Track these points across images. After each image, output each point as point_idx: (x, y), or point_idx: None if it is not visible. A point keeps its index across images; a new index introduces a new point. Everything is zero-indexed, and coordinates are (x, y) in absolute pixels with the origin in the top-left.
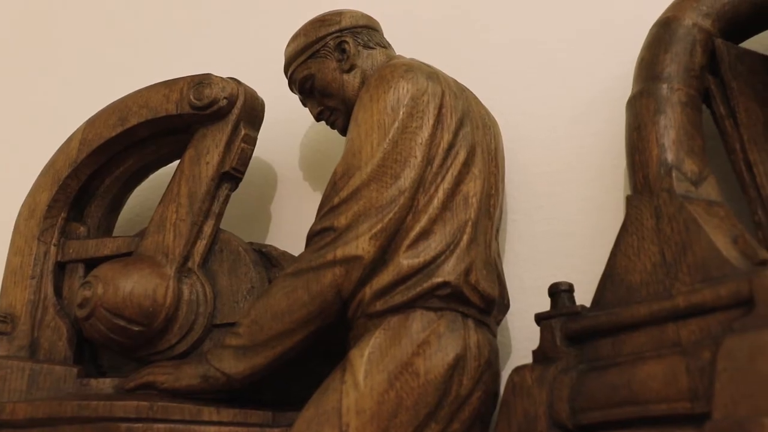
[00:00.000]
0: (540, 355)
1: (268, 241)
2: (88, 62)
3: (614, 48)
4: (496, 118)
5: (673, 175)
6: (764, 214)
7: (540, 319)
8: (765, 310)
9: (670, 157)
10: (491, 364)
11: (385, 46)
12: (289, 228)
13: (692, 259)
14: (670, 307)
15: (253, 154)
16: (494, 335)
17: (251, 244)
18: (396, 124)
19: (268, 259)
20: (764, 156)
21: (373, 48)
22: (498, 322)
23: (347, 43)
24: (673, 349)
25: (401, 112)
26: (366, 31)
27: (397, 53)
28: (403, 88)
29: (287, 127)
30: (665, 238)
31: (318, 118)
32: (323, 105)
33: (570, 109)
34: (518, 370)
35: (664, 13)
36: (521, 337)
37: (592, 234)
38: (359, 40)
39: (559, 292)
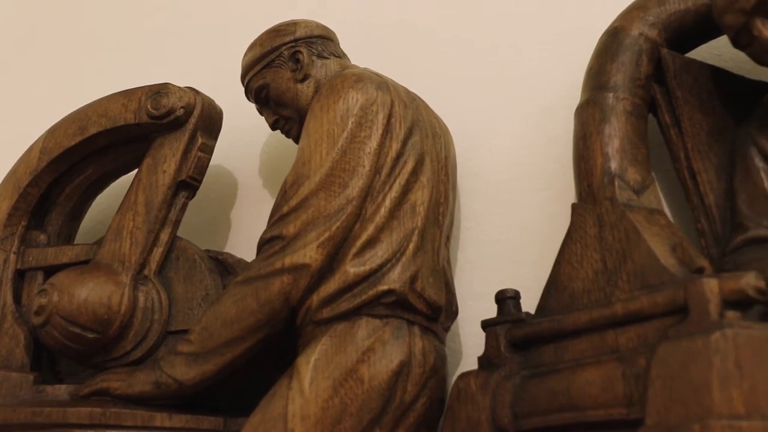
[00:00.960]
0: (485, 361)
1: (228, 248)
2: (48, 72)
3: (568, 56)
4: (451, 126)
5: (616, 183)
6: (707, 221)
7: (485, 325)
8: (698, 318)
9: (613, 165)
10: (437, 370)
11: (340, 55)
12: (249, 235)
13: (631, 267)
14: (609, 314)
15: (214, 162)
16: (442, 342)
17: (208, 251)
18: (345, 134)
19: (225, 266)
20: (707, 164)
21: (327, 58)
22: (446, 329)
23: (301, 53)
24: (612, 355)
25: (350, 122)
26: (321, 41)
27: (354, 62)
28: (353, 98)
29: (248, 134)
30: (607, 246)
31: (273, 127)
32: (278, 114)
33: (524, 117)
34: (463, 376)
35: (613, 23)
36: (472, 343)
37: (544, 241)
38: (313, 50)
39: (505, 299)
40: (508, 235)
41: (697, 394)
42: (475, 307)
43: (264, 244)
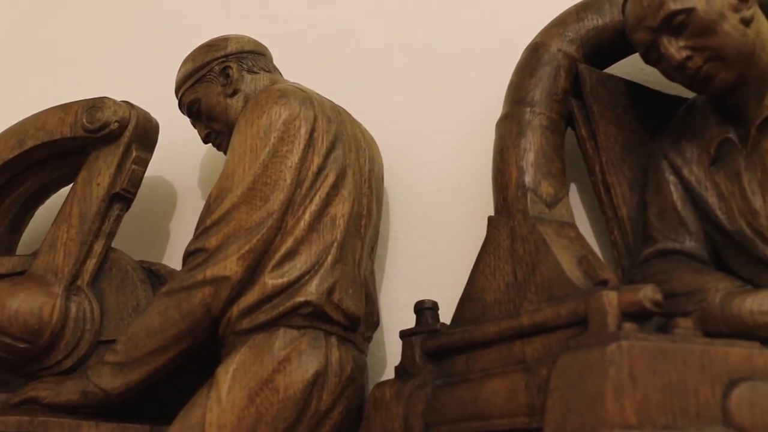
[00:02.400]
0: (401, 370)
1: (166, 259)
2: None
3: (496, 71)
4: (381, 139)
5: (528, 197)
6: (620, 233)
7: (403, 336)
8: (597, 329)
9: (527, 179)
10: (354, 379)
11: (270, 70)
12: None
13: (539, 279)
14: (517, 325)
15: (154, 174)
16: (362, 351)
17: (142, 262)
18: (267, 148)
19: (157, 276)
20: (621, 178)
21: (257, 73)
22: (367, 339)
23: (231, 68)
24: (518, 366)
25: (273, 137)
26: (251, 56)
27: (286, 76)
28: (276, 114)
29: (187, 147)
30: (518, 258)
31: (205, 141)
32: (210, 128)
33: (453, 131)
34: (379, 385)
35: (534, 39)
36: (396, 352)
37: (470, 253)
38: (243, 65)
39: (423, 310)
40: (436, 247)
41: (592, 405)
42: (401, 317)
43: (188, 256)
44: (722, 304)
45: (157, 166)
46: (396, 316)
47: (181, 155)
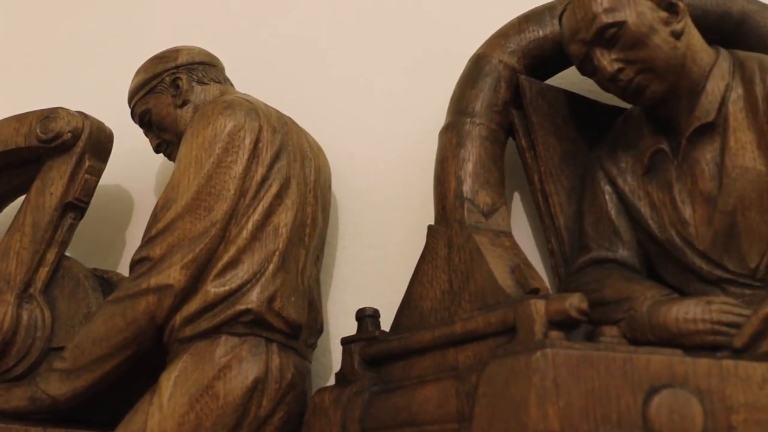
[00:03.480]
0: (340, 377)
1: (122, 266)
2: None
3: (445, 80)
4: (330, 148)
5: (465, 206)
6: (557, 242)
7: (343, 342)
8: (524, 337)
9: (465, 189)
10: (295, 386)
11: (221, 81)
12: None
13: (473, 288)
14: (450, 333)
15: (111, 182)
16: (305, 358)
17: (95, 270)
18: (212, 159)
19: (110, 284)
20: (559, 187)
21: (207, 84)
22: (310, 346)
23: (181, 79)
24: (450, 373)
25: (217, 148)
26: (202, 67)
27: (239, 85)
28: (221, 125)
29: (145, 155)
30: (454, 267)
31: (156, 150)
32: (161, 138)
33: (402, 140)
34: (320, 391)
35: (477, 50)
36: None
37: (415, 261)
38: (194, 76)
39: (364, 317)
40: (383, 254)
41: (517, 411)
42: (348, 324)
43: (134, 265)
44: (649, 312)
45: (114, 174)
46: (342, 323)
47: (139, 163)
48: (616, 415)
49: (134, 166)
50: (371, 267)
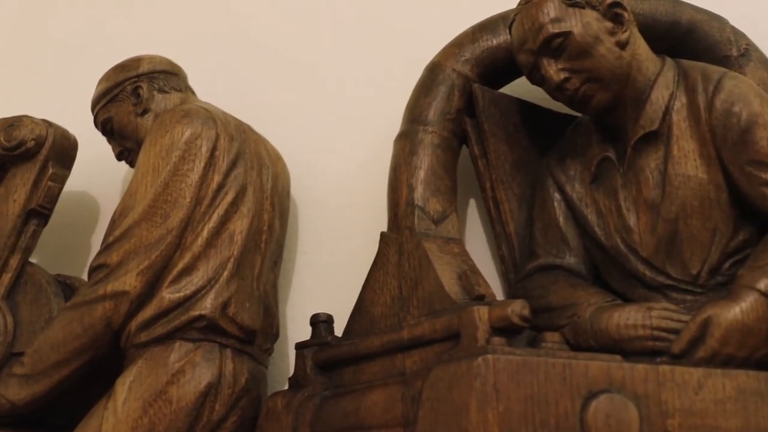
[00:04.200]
0: (293, 382)
1: (87, 273)
2: None
3: (403, 88)
4: (291, 155)
5: (416, 214)
6: (507, 248)
7: (297, 348)
8: (468, 343)
9: (416, 196)
10: (249, 390)
11: (182, 89)
12: None
13: (421, 294)
14: (398, 339)
15: (77, 189)
16: (260, 363)
17: (58, 276)
18: (168, 167)
19: (72, 290)
20: (510, 194)
21: (168, 92)
22: (266, 351)
23: (142, 88)
24: (398, 378)
25: (174, 156)
26: (163, 75)
27: (201, 93)
28: (179, 133)
29: (111, 161)
30: (404, 273)
31: (119, 158)
32: (122, 146)
33: (363, 147)
34: (273, 396)
35: (432, 59)
36: None
37: None
38: (155, 85)
39: (318, 323)
40: (342, 260)
41: (458, 416)
42: (307, 329)
43: (92, 271)
44: (592, 318)
45: (80, 181)
46: (301, 328)
47: (104, 170)
48: (554, 420)
49: (100, 173)
50: (331, 272)
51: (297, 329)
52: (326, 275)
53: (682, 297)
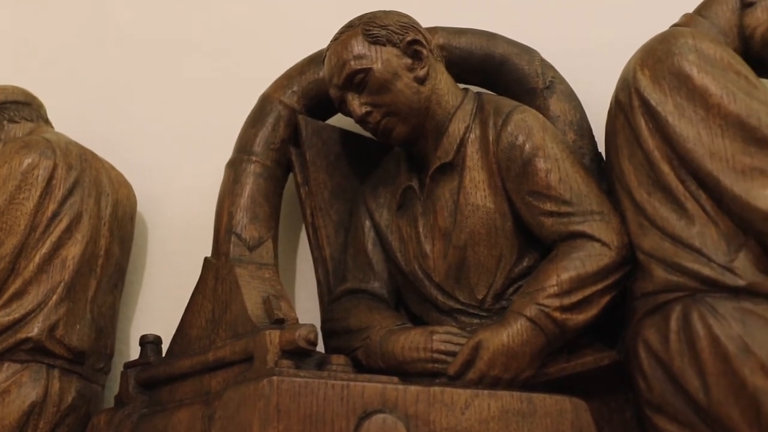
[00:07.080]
0: (118, 399)
1: None
2: None
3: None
4: (140, 182)
5: (232, 240)
6: (323, 272)
7: (125, 367)
8: (259, 365)
9: (234, 223)
10: (76, 408)
11: (33, 119)
12: None
13: (229, 317)
14: (204, 360)
15: None
16: (93, 382)
17: None
18: (5, 196)
19: None
20: (328, 221)
21: (18, 122)
22: (100, 370)
23: None
24: (204, 397)
25: (11, 185)
26: (15, 106)
27: (56, 120)
28: (17, 163)
29: None
30: (217, 297)
31: None
32: None
33: (207, 173)
34: (98, 413)
35: (264, 90)
36: None
37: None
38: (5, 115)
39: (146, 344)
40: (185, 282)
41: None
42: None
43: None
44: (381, 341)
45: None
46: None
47: None
48: None
49: None
50: (175, 294)
51: (137, 350)
52: (170, 296)
53: (470, 320)
